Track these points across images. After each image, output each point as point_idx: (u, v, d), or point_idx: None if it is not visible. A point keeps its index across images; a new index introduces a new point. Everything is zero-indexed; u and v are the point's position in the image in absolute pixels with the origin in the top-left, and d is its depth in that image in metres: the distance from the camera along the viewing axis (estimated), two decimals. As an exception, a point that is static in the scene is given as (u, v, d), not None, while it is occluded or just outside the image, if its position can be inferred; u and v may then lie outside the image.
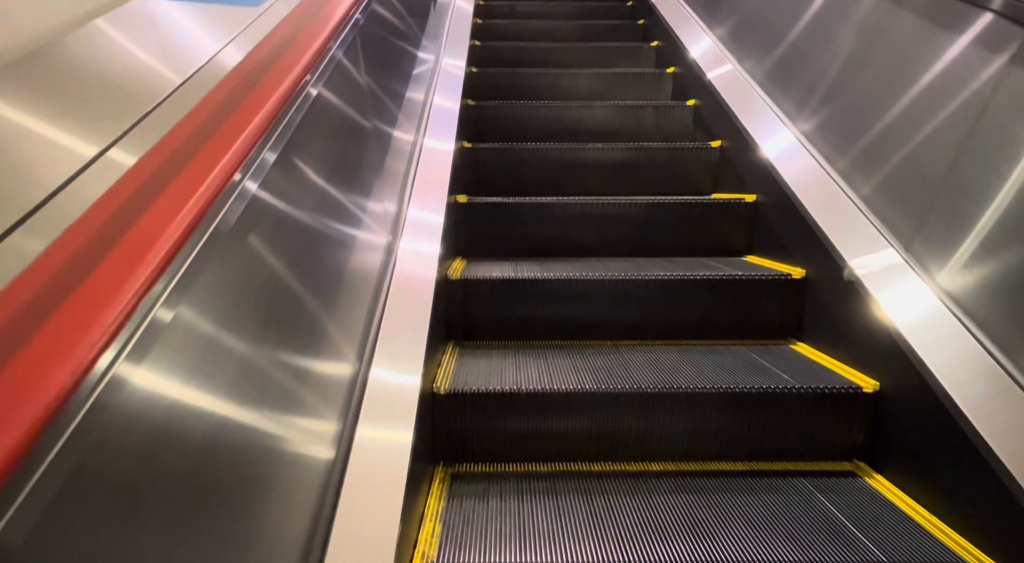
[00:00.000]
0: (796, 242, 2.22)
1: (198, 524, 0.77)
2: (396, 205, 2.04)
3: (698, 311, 2.20)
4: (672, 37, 3.80)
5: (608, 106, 3.45)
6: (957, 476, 1.43)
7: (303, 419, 1.17)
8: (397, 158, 2.16)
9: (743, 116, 2.74)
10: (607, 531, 1.46)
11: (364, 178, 1.78)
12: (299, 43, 1.36)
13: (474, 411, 1.75)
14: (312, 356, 1.26)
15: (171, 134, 0.92)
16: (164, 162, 0.86)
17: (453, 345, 2.15)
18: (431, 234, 2.06)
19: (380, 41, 2.19)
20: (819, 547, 1.40)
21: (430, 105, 2.82)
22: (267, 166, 1.06)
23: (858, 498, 1.58)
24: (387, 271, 1.79)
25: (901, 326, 1.63)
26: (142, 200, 0.77)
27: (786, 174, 2.32)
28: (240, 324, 0.95)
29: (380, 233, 1.84)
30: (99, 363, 0.58)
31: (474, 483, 1.67)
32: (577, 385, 1.77)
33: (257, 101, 1.08)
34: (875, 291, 1.76)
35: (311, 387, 1.24)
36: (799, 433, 1.76)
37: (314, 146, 1.37)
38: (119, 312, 0.62)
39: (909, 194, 1.84)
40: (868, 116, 2.08)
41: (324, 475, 1.18)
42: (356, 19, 1.80)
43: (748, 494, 1.60)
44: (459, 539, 1.43)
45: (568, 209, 2.61)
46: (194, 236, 0.78)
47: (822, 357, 1.97)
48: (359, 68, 1.83)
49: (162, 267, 0.70)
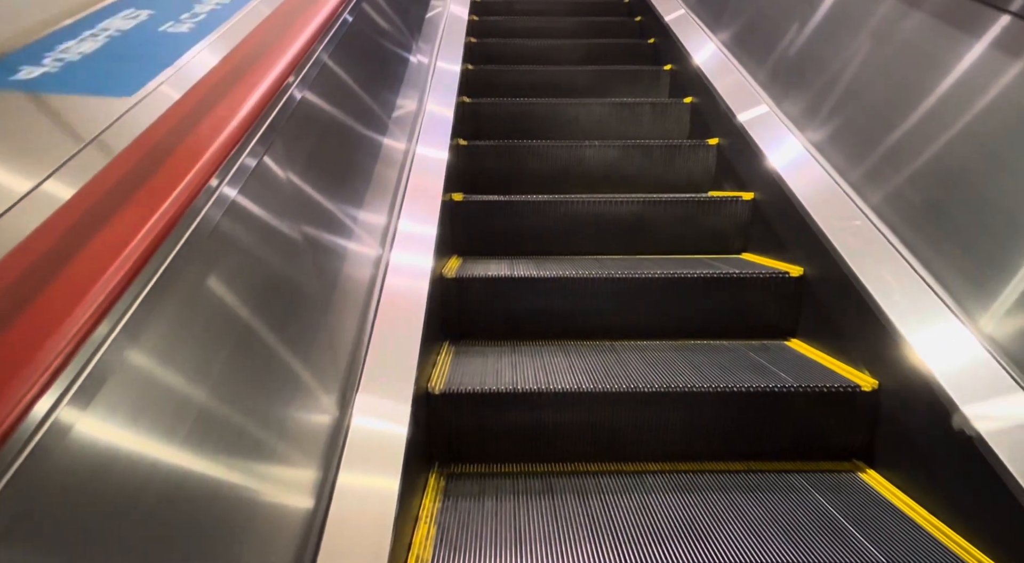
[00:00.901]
0: (793, 240, 2.20)
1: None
2: (387, 216, 2.01)
3: (696, 309, 2.18)
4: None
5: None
6: (957, 476, 1.42)
7: (295, 416, 1.15)
8: (381, 196, 2.03)
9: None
10: (604, 533, 1.44)
11: (355, 189, 1.77)
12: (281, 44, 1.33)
13: (469, 411, 1.74)
14: (304, 357, 1.24)
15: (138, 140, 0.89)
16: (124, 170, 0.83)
17: (448, 344, 2.13)
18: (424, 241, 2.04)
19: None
20: (818, 548, 1.38)
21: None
22: (235, 188, 1.02)
23: (857, 498, 1.57)
24: (379, 272, 1.78)
25: (899, 323, 1.62)
26: (89, 220, 0.74)
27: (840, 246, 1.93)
28: (227, 324, 0.93)
29: (372, 241, 1.82)
30: (36, 409, 0.55)
31: (469, 484, 1.65)
32: (574, 385, 1.75)
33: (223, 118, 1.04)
34: (873, 288, 1.74)
35: (303, 386, 1.23)
36: (797, 432, 1.75)
37: (295, 159, 1.34)
38: (58, 357, 0.58)
39: (908, 191, 1.83)
40: (881, 129, 2.07)
41: (318, 475, 1.16)
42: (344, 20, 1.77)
43: (746, 494, 1.58)
44: (454, 541, 1.42)
45: (565, 207, 2.60)
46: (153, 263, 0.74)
47: (821, 355, 1.96)
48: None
49: (107, 305, 0.65)
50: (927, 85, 1.84)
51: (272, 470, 1.04)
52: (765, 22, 2.94)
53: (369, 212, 1.85)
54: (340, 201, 1.61)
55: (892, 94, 1.99)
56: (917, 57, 1.92)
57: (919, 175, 1.80)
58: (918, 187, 1.79)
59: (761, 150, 2.47)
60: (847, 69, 2.25)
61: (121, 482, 0.67)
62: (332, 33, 1.69)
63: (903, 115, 1.91)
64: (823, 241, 1.96)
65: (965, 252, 1.59)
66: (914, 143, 1.84)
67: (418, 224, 2.06)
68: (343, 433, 1.29)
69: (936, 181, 1.74)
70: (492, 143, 3.00)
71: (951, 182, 1.69)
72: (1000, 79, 1.60)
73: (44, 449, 0.55)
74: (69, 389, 0.59)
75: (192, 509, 0.80)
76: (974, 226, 1.59)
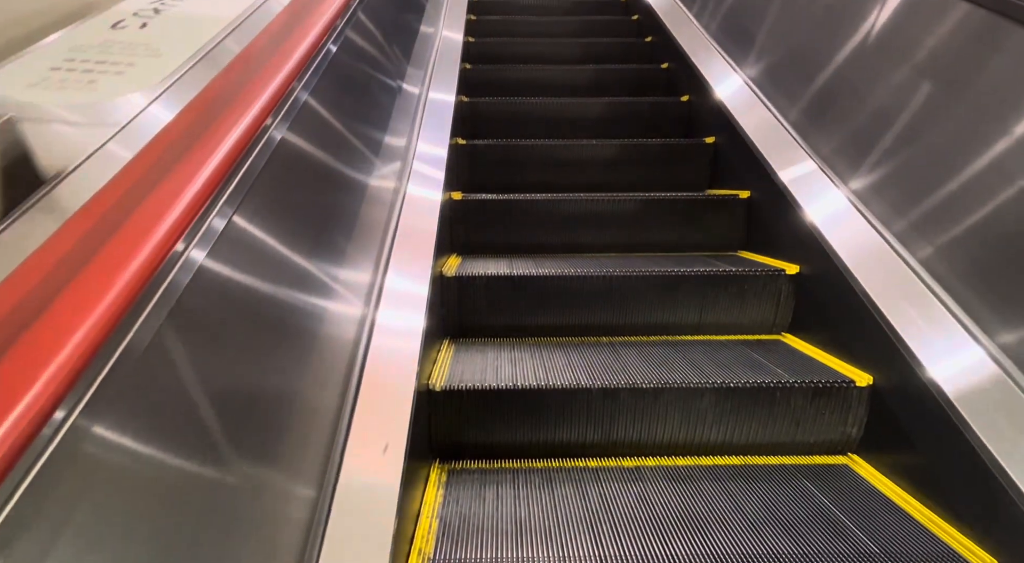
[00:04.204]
0: (789, 238, 2.22)
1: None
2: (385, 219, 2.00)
3: (693, 306, 2.20)
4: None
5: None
6: (950, 468, 1.44)
7: (298, 419, 1.17)
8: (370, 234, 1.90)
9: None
10: (603, 526, 1.46)
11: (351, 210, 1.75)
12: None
13: (470, 407, 1.76)
14: (303, 362, 1.26)
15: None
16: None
17: (449, 341, 2.15)
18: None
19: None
20: (814, 540, 1.40)
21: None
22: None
23: (852, 491, 1.59)
24: (379, 270, 1.79)
25: (893, 318, 1.64)
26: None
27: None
28: (241, 311, 0.94)
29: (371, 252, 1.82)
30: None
31: (470, 480, 1.67)
32: (573, 381, 1.78)
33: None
34: (865, 282, 1.76)
35: (305, 386, 1.24)
36: (793, 427, 1.77)
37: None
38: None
39: (907, 192, 1.85)
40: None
41: (319, 471, 1.18)
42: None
43: (743, 488, 1.61)
44: (456, 536, 1.44)
45: (564, 206, 2.61)
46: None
47: (816, 351, 1.98)
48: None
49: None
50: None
51: (277, 464, 1.06)
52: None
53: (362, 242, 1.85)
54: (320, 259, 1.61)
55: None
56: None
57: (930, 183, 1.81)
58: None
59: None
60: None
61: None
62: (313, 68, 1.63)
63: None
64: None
65: (961, 243, 1.61)
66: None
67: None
68: (344, 429, 1.31)
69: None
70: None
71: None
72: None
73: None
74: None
75: (195, 512, 0.82)
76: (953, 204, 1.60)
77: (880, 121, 2.03)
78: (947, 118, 1.79)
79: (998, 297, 1.49)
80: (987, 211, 1.58)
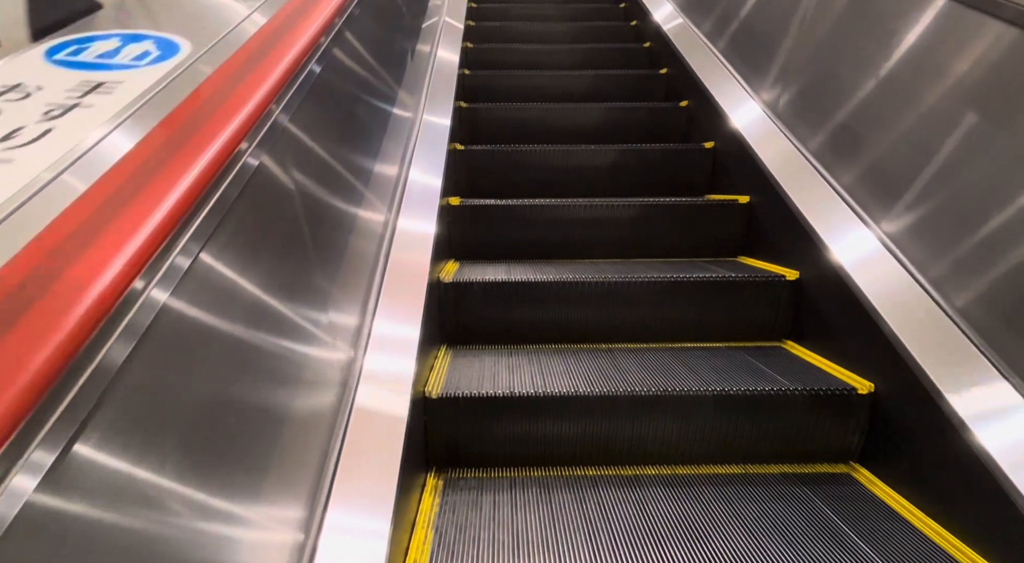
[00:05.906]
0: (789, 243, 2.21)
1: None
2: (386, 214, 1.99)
3: (692, 313, 2.18)
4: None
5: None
6: (952, 478, 1.42)
7: (293, 429, 1.15)
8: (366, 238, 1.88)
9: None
10: (601, 536, 1.44)
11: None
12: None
13: (467, 415, 1.74)
14: (301, 363, 1.24)
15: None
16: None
17: (446, 348, 2.13)
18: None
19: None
20: (815, 550, 1.39)
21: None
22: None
23: (854, 500, 1.57)
24: (377, 271, 1.78)
25: (894, 324, 1.63)
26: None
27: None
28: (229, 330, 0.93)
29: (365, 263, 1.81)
30: None
31: (467, 489, 1.65)
32: (571, 388, 1.76)
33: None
34: (867, 290, 1.75)
35: (302, 392, 1.23)
36: (794, 435, 1.75)
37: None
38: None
39: (896, 186, 1.84)
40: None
41: (312, 482, 1.16)
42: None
43: (743, 497, 1.59)
44: (451, 546, 1.42)
45: (562, 211, 2.60)
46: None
47: (817, 358, 1.96)
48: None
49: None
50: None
51: (272, 472, 1.04)
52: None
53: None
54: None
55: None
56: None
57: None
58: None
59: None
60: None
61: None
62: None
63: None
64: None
65: (960, 253, 1.60)
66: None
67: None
68: (340, 437, 1.29)
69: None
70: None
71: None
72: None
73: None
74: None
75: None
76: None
77: (880, 121, 2.02)
78: (947, 119, 1.78)
79: (999, 298, 1.48)
80: (987, 211, 1.57)
